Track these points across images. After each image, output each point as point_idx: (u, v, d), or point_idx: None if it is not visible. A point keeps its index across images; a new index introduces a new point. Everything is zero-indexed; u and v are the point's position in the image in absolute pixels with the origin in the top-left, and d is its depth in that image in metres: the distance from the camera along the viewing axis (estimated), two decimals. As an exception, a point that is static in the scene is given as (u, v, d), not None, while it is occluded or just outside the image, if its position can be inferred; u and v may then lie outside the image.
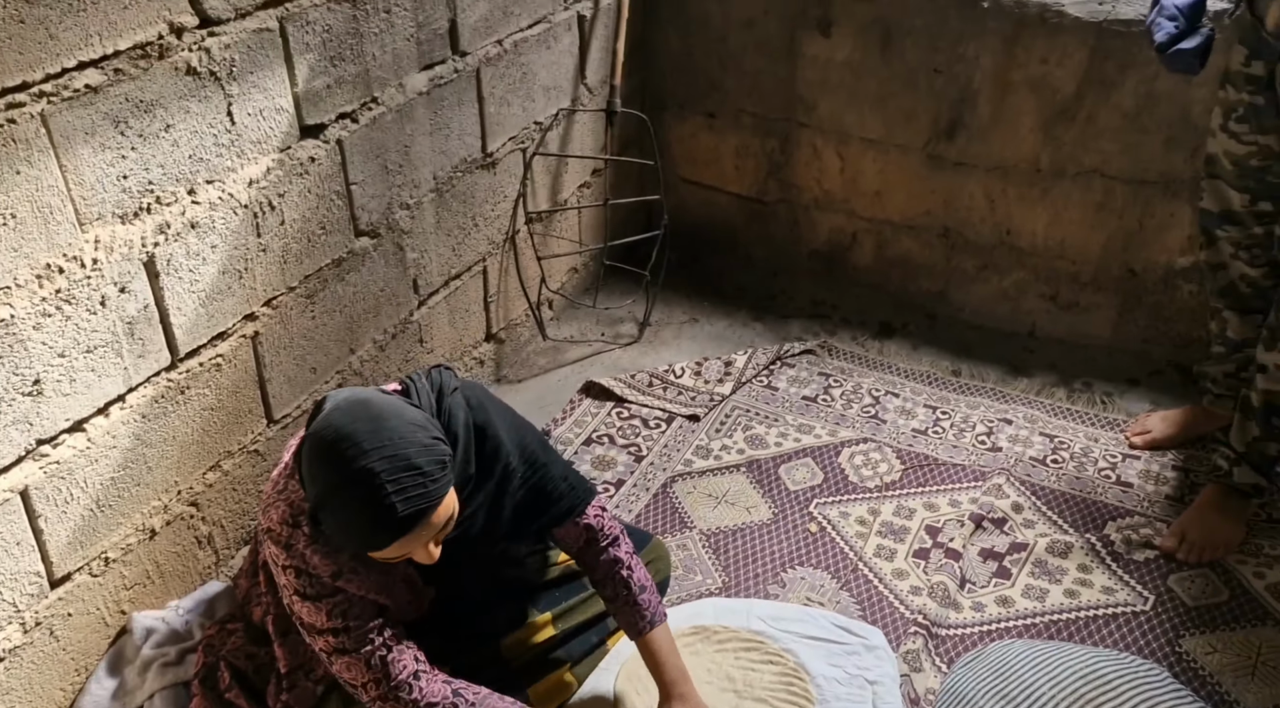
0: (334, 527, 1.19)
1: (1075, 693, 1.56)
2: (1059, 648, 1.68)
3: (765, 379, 2.48)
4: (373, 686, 1.31)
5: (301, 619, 1.31)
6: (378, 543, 1.18)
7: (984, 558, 1.94)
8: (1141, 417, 2.26)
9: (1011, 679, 1.61)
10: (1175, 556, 1.91)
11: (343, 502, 1.16)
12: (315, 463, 1.18)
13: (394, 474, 1.14)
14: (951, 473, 2.16)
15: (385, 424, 1.17)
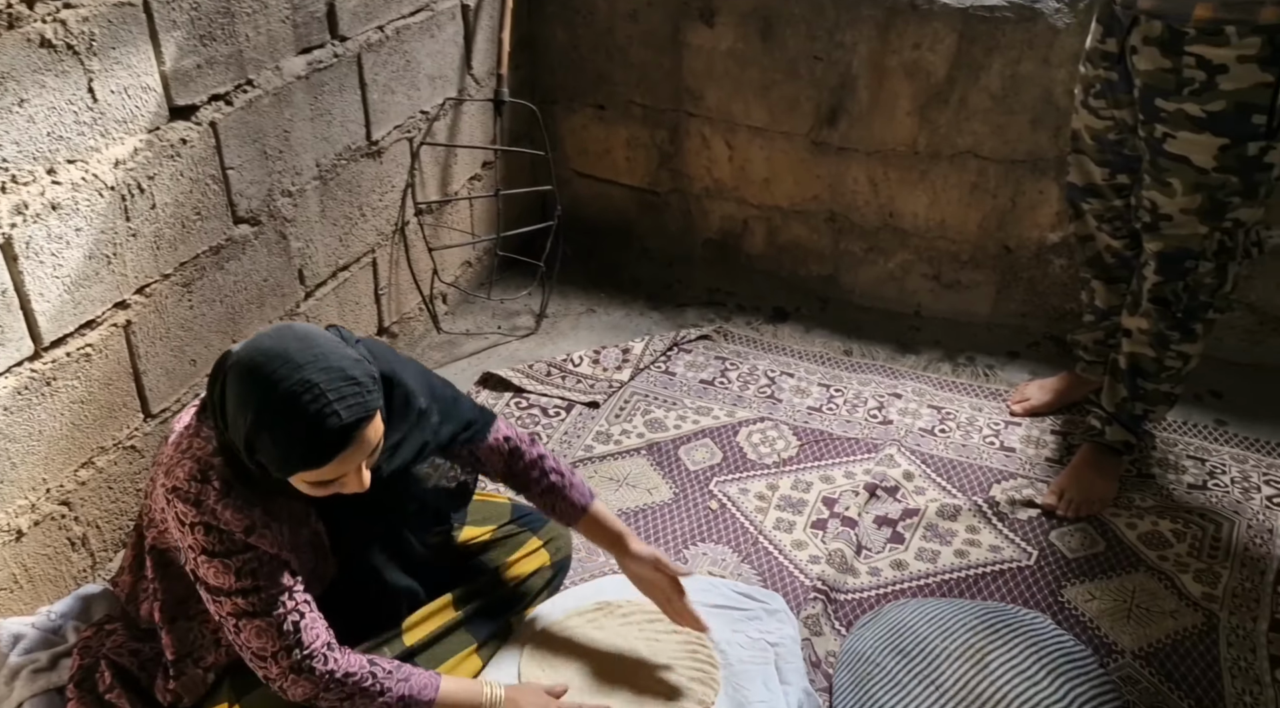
0: (273, 449, 1.15)
1: (967, 644, 1.61)
2: (950, 604, 1.73)
3: (663, 365, 2.50)
4: (284, 654, 1.25)
5: (208, 583, 1.25)
6: (322, 456, 1.15)
7: (879, 525, 1.99)
8: (1021, 386, 2.36)
9: (907, 636, 1.65)
10: (1055, 512, 2.00)
11: (283, 417, 1.13)
12: (248, 386, 1.15)
13: (333, 384, 1.14)
14: (846, 447, 2.21)
15: (315, 341, 1.18)
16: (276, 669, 1.26)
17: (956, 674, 1.56)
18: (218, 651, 1.38)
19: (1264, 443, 2.17)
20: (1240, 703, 1.61)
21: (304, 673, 1.26)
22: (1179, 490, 2.05)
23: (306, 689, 1.27)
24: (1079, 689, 1.54)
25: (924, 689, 1.55)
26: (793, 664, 1.57)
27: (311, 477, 1.19)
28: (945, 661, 1.58)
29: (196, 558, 1.24)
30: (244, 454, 1.20)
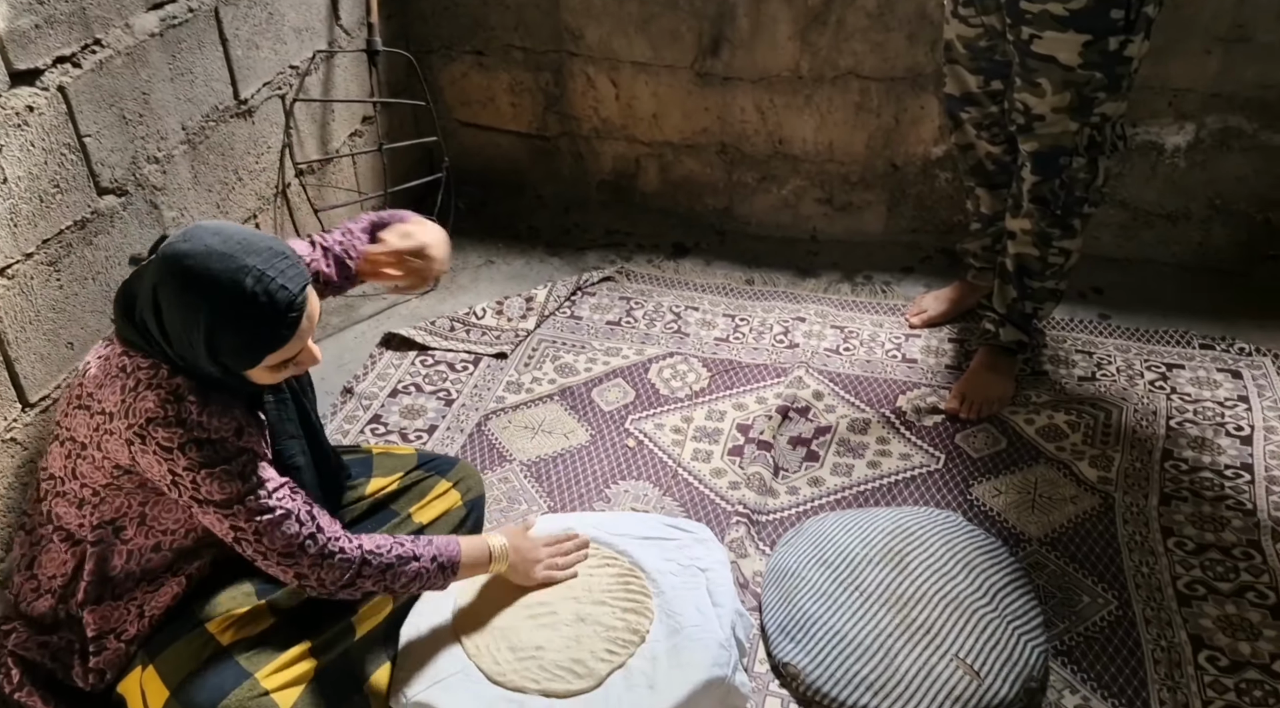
0: (237, 340, 1.18)
1: (886, 548, 1.67)
2: (866, 513, 1.79)
3: (568, 310, 2.48)
4: (310, 542, 1.27)
5: (215, 500, 1.23)
6: (284, 332, 1.19)
7: (793, 446, 2.04)
8: (917, 299, 2.42)
9: (828, 547, 1.70)
10: (959, 416, 2.07)
11: (237, 307, 1.16)
12: (190, 292, 1.16)
13: (269, 262, 1.18)
14: (755, 373, 2.24)
15: (228, 230, 1.20)
16: (307, 560, 1.28)
17: (879, 578, 1.61)
18: (141, 622, 1.34)
19: (1144, 332, 2.28)
20: (1138, 574, 1.71)
21: (336, 555, 1.29)
22: (1070, 384, 2.14)
23: (341, 572, 1.30)
24: (994, 580, 1.61)
25: (849, 595, 1.60)
26: (723, 587, 1.60)
27: (275, 358, 1.21)
28: (867, 566, 1.64)
29: (195, 478, 1.21)
30: (205, 360, 1.19)
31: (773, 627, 1.60)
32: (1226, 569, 1.70)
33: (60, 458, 1.31)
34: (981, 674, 1.47)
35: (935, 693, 1.45)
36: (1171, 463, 1.93)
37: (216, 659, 1.31)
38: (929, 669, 1.48)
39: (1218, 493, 1.85)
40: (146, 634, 1.35)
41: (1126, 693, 1.51)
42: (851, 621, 1.56)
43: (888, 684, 1.47)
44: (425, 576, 1.39)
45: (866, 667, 1.49)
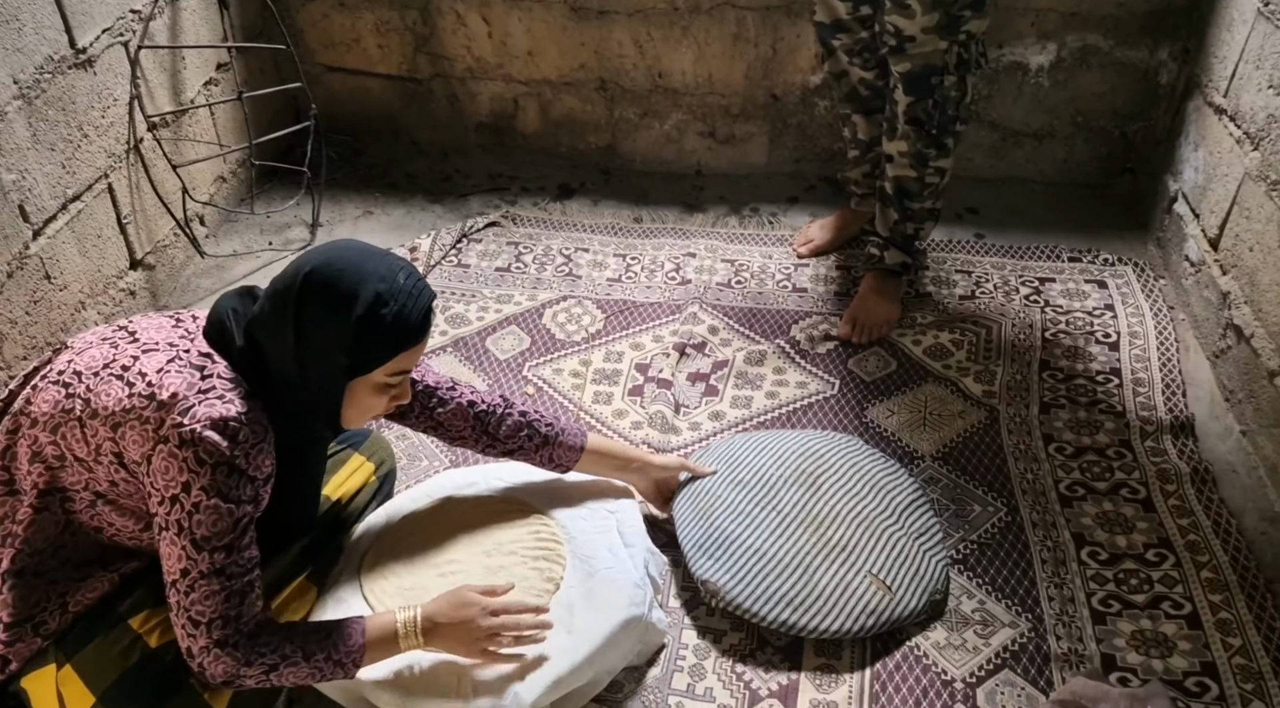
0: (387, 325, 1.18)
1: (798, 469, 1.71)
2: (774, 435, 1.82)
3: (454, 258, 2.41)
4: (220, 624, 1.17)
5: (195, 534, 1.14)
6: (424, 328, 1.22)
7: (692, 381, 2.05)
8: (804, 228, 2.45)
9: (741, 467, 1.72)
10: (850, 341, 2.12)
11: (394, 294, 1.18)
12: (345, 285, 1.16)
13: (410, 268, 1.23)
14: (650, 312, 2.24)
15: (358, 246, 1.23)
16: (204, 640, 1.17)
17: (793, 498, 1.65)
18: (63, 617, 1.26)
19: (1017, 249, 2.38)
20: (1024, 481, 1.80)
21: (228, 648, 1.17)
22: (952, 303, 2.22)
23: (227, 667, 1.18)
24: (898, 498, 1.67)
25: (767, 514, 1.63)
26: (633, 527, 1.60)
27: (402, 363, 1.24)
28: (781, 487, 1.67)
29: (204, 502, 1.13)
30: (339, 351, 1.18)
31: (690, 545, 1.62)
32: (1102, 470, 1.81)
33: (50, 399, 1.19)
34: (893, 589, 1.53)
35: (851, 608, 1.51)
36: (1049, 373, 2.03)
37: (146, 663, 1.23)
38: (845, 585, 1.54)
39: (1091, 398, 1.96)
40: (65, 630, 1.26)
41: (1019, 593, 1.60)
42: (770, 539, 1.60)
43: (806, 600, 1.52)
44: (322, 671, 1.25)
45: (786, 583, 1.54)
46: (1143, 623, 1.54)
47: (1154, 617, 1.54)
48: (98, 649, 1.24)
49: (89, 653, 1.24)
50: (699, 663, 1.51)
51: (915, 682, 1.47)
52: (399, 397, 1.30)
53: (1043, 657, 1.49)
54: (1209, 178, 2.08)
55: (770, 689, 1.47)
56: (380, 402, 1.27)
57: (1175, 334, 2.10)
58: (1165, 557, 1.64)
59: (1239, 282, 1.91)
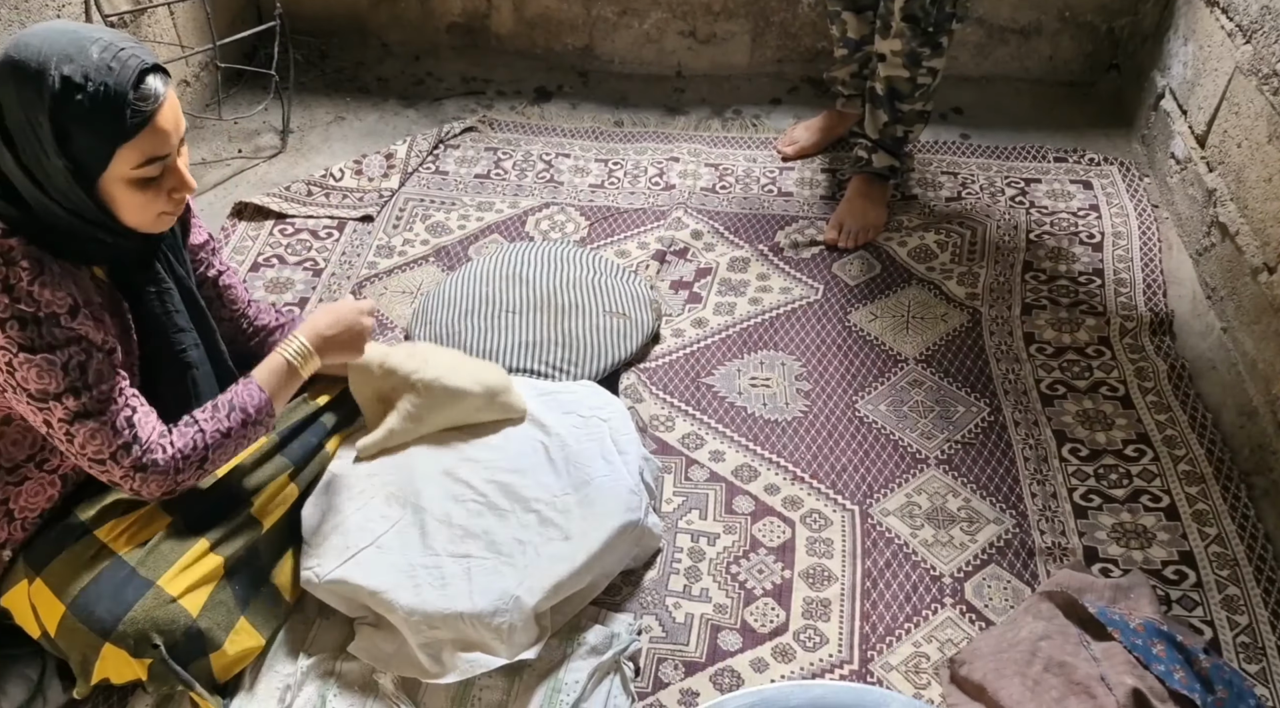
0: (92, 118, 1.06)
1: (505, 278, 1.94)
2: (469, 270, 2.12)
3: (432, 165, 2.35)
4: (123, 453, 1.17)
5: (29, 389, 1.11)
6: (141, 109, 1.08)
7: (675, 289, 2.04)
8: (788, 130, 2.41)
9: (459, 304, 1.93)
10: (837, 245, 2.11)
11: (88, 75, 1.05)
12: (29, 73, 1.04)
13: (116, 38, 1.09)
14: (634, 218, 2.21)
15: (64, 22, 1.11)
16: (119, 471, 1.18)
17: (516, 294, 1.90)
18: (11, 525, 1.25)
19: (1002, 149, 2.36)
20: (1005, 381, 1.82)
21: (149, 469, 1.19)
22: (938, 205, 2.21)
23: (159, 483, 1.21)
24: (584, 260, 1.99)
25: (503, 316, 1.87)
26: (626, 435, 1.61)
27: (139, 152, 1.09)
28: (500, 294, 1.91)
29: (14, 359, 1.10)
30: (55, 159, 1.06)
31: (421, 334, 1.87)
32: (1082, 369, 1.84)
33: None
34: (627, 314, 1.88)
35: (610, 343, 1.84)
36: (1031, 274, 2.04)
37: (112, 568, 1.24)
38: (595, 329, 1.85)
39: (1073, 299, 1.98)
40: (21, 540, 1.26)
41: (1002, 490, 1.64)
42: (518, 328, 1.85)
43: (574, 356, 1.81)
44: (246, 439, 1.30)
45: (554, 352, 1.81)
46: (1123, 516, 1.58)
47: (1133, 510, 1.59)
48: (65, 560, 1.25)
49: (56, 565, 1.25)
50: (694, 565, 1.54)
51: (905, 578, 1.51)
52: (176, 188, 1.15)
53: (1027, 551, 1.54)
54: (1198, 73, 2.06)
55: (764, 589, 1.51)
56: (153, 199, 1.14)
57: (1158, 233, 2.11)
58: (1144, 452, 1.68)
59: (1225, 179, 1.91)
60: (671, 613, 1.47)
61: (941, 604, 1.47)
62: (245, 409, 1.29)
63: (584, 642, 1.39)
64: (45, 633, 1.26)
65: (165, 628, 1.22)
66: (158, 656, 1.21)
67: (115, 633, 1.21)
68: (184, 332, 1.32)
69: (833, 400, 1.81)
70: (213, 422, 1.26)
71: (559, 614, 1.42)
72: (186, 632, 1.24)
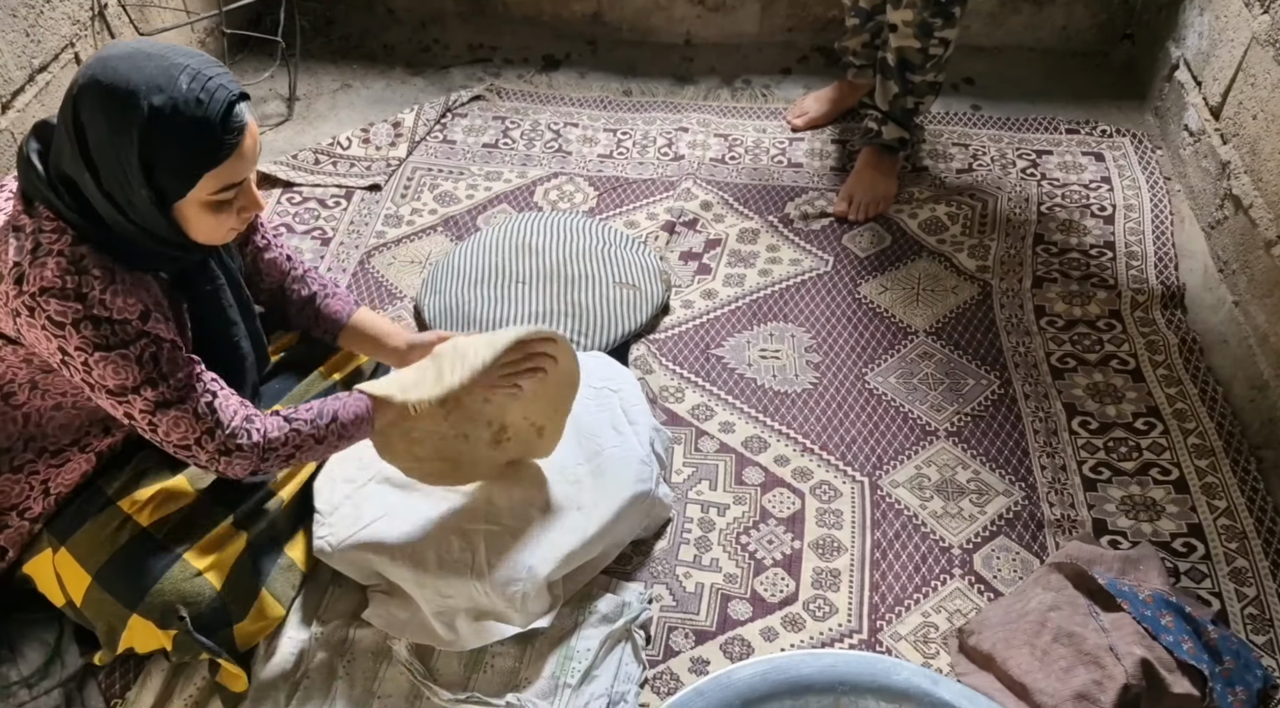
0: (179, 147, 1.06)
1: (515, 249, 1.94)
2: (480, 239, 2.10)
3: (440, 134, 2.34)
4: (207, 438, 1.17)
5: (108, 385, 1.12)
6: (228, 141, 1.08)
7: (685, 260, 2.03)
8: (798, 101, 2.39)
9: (470, 275, 1.92)
10: (847, 217, 2.10)
11: (176, 105, 1.04)
12: (121, 99, 1.03)
13: (204, 65, 1.08)
14: (643, 188, 2.20)
15: (154, 42, 1.09)
16: (205, 455, 1.19)
17: (526, 265, 1.90)
18: (46, 500, 1.26)
19: (1013, 121, 2.34)
20: (1015, 354, 1.82)
21: (234, 452, 1.20)
22: (949, 177, 2.20)
23: (244, 465, 1.21)
24: (594, 230, 1.99)
25: (514, 287, 1.87)
26: (637, 406, 1.62)
27: (217, 180, 1.10)
28: (511, 265, 1.90)
29: (90, 359, 1.10)
30: (139, 186, 1.07)
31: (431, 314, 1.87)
32: (1093, 342, 1.83)
33: None
34: (637, 285, 1.88)
35: (620, 313, 1.84)
36: (1043, 247, 2.03)
37: (138, 541, 1.25)
38: (605, 299, 1.85)
39: (1084, 271, 1.97)
40: (52, 513, 1.27)
41: (1011, 463, 1.64)
42: (528, 298, 1.85)
43: (586, 326, 1.81)
44: (333, 449, 1.29)
45: (568, 323, 1.81)
46: (1132, 489, 1.59)
47: (1143, 483, 1.60)
48: (89, 532, 1.26)
49: (81, 536, 1.26)
50: (704, 535, 1.55)
51: (915, 549, 1.52)
52: (246, 208, 1.17)
53: (1036, 523, 1.55)
54: (1213, 44, 2.04)
55: (774, 559, 1.52)
56: (225, 219, 1.15)
57: (1170, 206, 2.10)
58: (1154, 425, 1.68)
59: (1239, 151, 1.89)
60: (682, 582, 1.48)
61: (950, 575, 1.48)
62: (350, 422, 1.28)
63: (595, 610, 1.40)
64: (70, 602, 1.27)
65: (191, 600, 1.24)
66: (183, 627, 1.22)
67: (143, 604, 1.22)
68: (236, 325, 1.33)
69: (842, 372, 1.80)
70: (312, 423, 1.26)
71: (570, 583, 1.43)
72: (211, 604, 1.25)
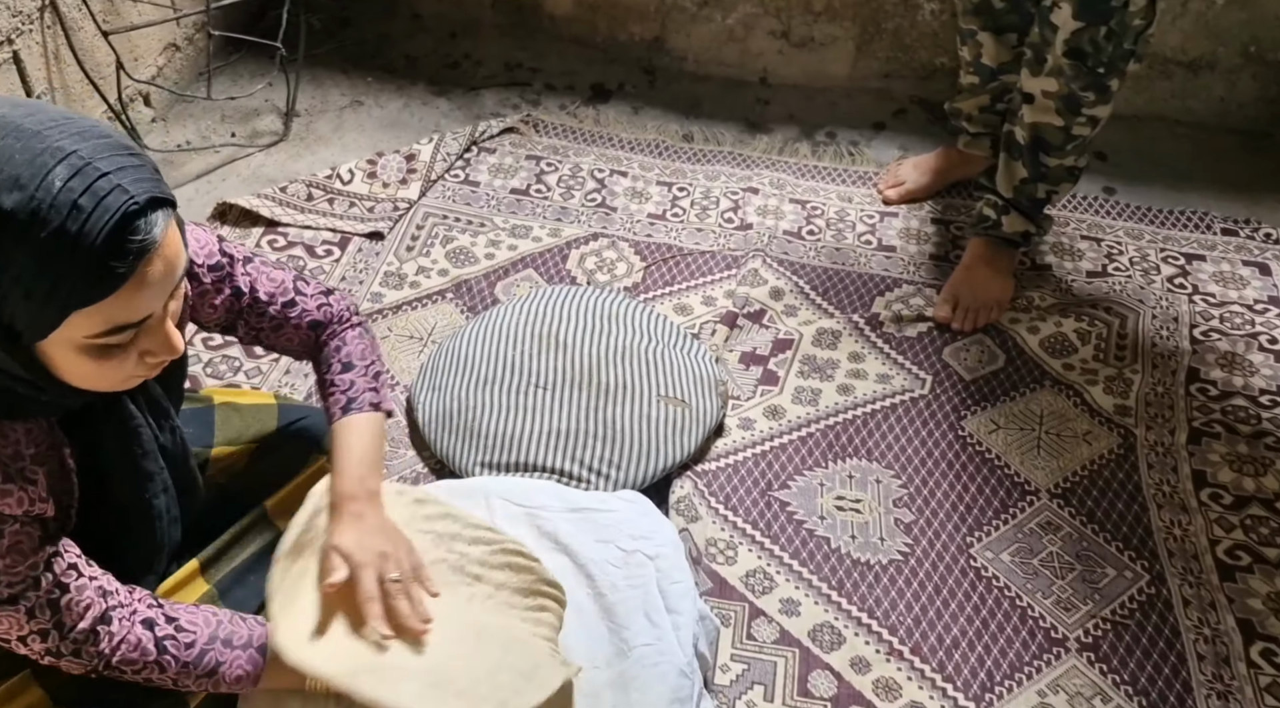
0: (32, 269, 0.70)
1: (534, 336, 1.55)
2: (489, 317, 1.63)
3: (461, 173, 1.95)
4: (37, 639, 0.88)
5: None
6: (115, 269, 0.72)
7: (746, 364, 1.64)
8: (892, 166, 1.98)
9: (475, 364, 1.54)
10: (949, 325, 1.70)
11: (42, 211, 0.69)
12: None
13: (101, 152, 0.72)
14: (700, 263, 1.80)
15: (39, 105, 0.75)
16: (29, 652, 0.90)
17: (549, 365, 1.51)
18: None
19: (1156, 213, 1.92)
20: (1170, 537, 1.41)
21: (67, 657, 0.90)
22: (1078, 281, 1.78)
23: (78, 669, 0.92)
24: (634, 318, 1.59)
25: (532, 394, 1.49)
26: (680, 582, 1.22)
27: (103, 319, 0.74)
28: (528, 361, 1.52)
29: None
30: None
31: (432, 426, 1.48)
32: (1273, 530, 1.42)
33: None
34: (687, 401, 1.49)
35: (662, 438, 1.45)
36: (1198, 387, 1.62)
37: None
38: (644, 419, 1.46)
39: (1255, 427, 1.55)
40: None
41: (1169, 700, 1.24)
42: (552, 414, 1.46)
43: (619, 455, 1.42)
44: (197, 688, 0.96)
45: (594, 448, 1.43)
46: (1343, 771, 1.18)
47: (1357, 763, 1.19)
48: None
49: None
50: (757, 782, 1.16)
51: None
52: (150, 352, 0.81)
53: (1216, 818, 1.14)
54: None
55: None
56: (116, 366, 0.80)
57: (1360, 346, 1.68)
58: (1360, 666, 1.27)
59: None
60: None
61: None
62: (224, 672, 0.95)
63: None
64: None
65: None
66: None
67: None
68: (151, 478, 0.97)
69: (941, 539, 1.41)
70: (175, 664, 0.92)
71: None
72: None
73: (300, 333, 1.11)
